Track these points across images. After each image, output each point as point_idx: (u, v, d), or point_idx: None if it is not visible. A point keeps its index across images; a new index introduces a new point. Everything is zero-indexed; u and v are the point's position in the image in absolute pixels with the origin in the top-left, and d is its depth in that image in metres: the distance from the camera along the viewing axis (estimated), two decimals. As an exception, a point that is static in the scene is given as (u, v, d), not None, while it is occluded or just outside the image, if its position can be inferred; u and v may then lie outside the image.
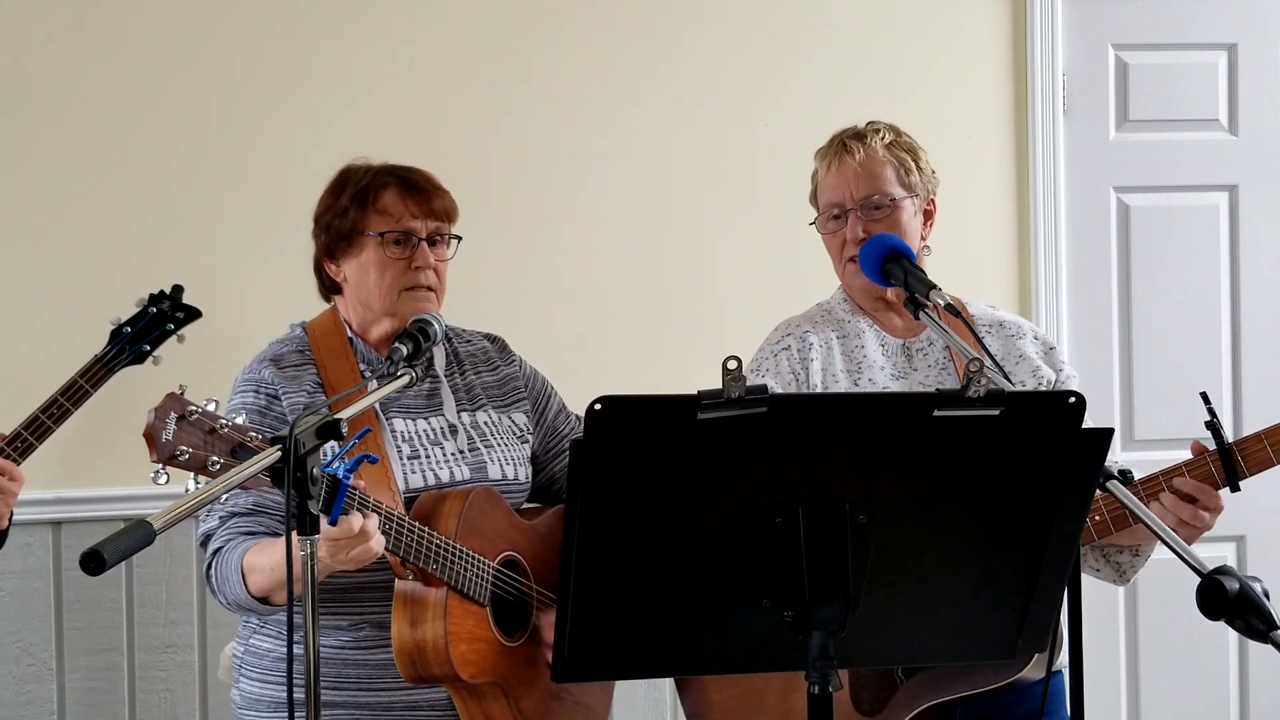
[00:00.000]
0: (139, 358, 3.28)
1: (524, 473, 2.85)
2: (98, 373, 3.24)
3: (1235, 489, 2.64)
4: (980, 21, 4.18)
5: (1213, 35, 4.30)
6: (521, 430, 2.89)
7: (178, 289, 3.36)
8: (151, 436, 2.27)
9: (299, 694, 2.15)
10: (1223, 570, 2.04)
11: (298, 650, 2.14)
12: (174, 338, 3.34)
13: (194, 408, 2.30)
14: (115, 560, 1.91)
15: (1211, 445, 2.67)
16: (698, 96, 4.04)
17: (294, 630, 2.13)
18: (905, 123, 2.97)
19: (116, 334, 3.28)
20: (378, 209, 2.77)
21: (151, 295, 3.35)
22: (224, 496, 2.40)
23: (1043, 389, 2.85)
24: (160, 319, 3.31)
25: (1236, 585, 2.01)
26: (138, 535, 1.93)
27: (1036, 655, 2.19)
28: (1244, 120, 4.30)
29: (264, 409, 2.71)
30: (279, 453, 2.12)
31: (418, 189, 2.80)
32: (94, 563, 1.89)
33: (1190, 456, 2.69)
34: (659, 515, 1.93)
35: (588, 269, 3.98)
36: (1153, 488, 2.66)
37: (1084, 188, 4.26)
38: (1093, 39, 4.26)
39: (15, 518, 3.39)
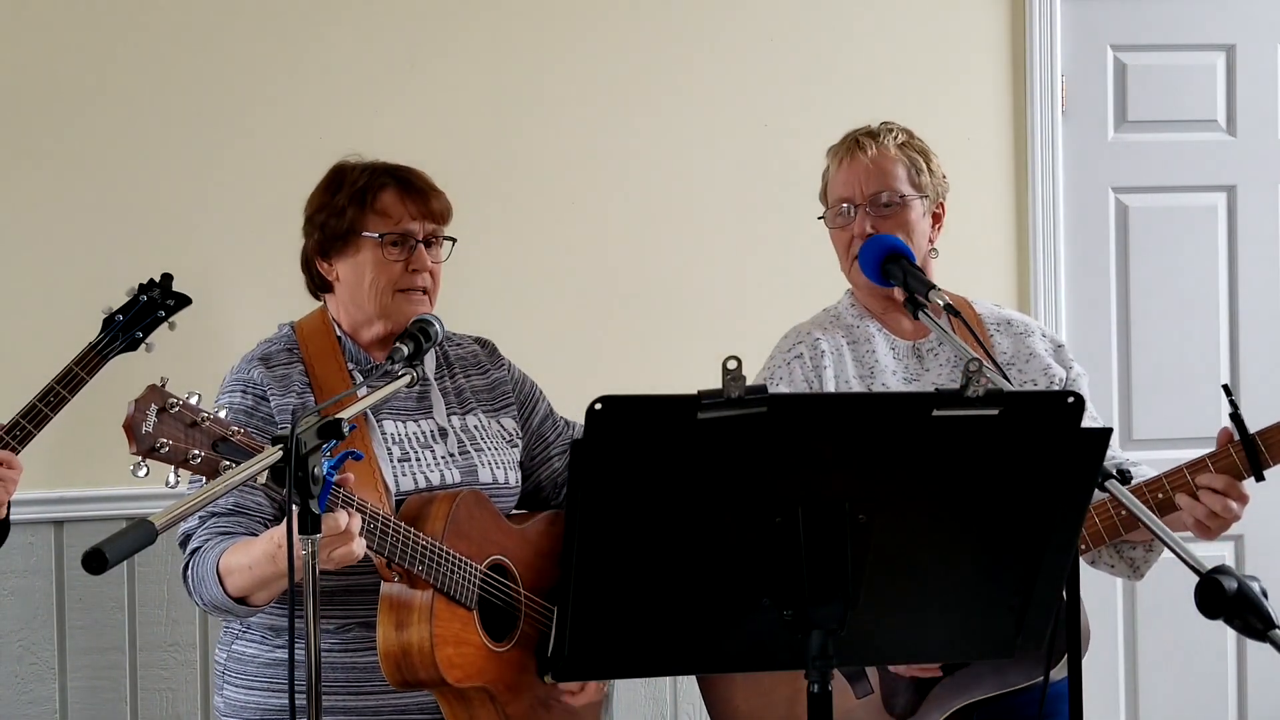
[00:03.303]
0: (132, 345, 3.36)
1: (514, 477, 2.83)
2: (92, 360, 3.31)
3: (1260, 478, 2.66)
4: (979, 22, 4.19)
5: (1211, 36, 4.31)
6: (511, 435, 2.87)
7: (167, 277, 3.42)
8: (131, 428, 2.27)
9: (295, 699, 2.14)
10: (1221, 569, 2.04)
11: (284, 654, 2.13)
12: (165, 324, 3.41)
13: (175, 400, 2.29)
14: (117, 559, 1.91)
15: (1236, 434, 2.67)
16: (698, 97, 4.05)
17: (283, 633, 2.11)
18: (905, 123, 2.98)
19: (109, 322, 3.35)
20: (376, 210, 2.74)
21: (141, 284, 3.40)
22: None
23: (1055, 387, 2.86)
24: (151, 306, 3.39)
25: (1235, 584, 2.01)
26: (139, 534, 1.93)
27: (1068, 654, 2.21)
28: (1242, 121, 4.31)
29: (251, 409, 2.69)
30: (280, 452, 2.12)
31: (416, 190, 2.77)
32: (96, 562, 1.89)
33: (1216, 446, 2.69)
34: (659, 515, 1.93)
35: (588, 269, 3.99)
36: (1178, 481, 2.67)
37: (1082, 188, 4.27)
38: (1091, 40, 4.27)
39: (16, 517, 3.40)
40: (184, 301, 3.43)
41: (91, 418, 3.63)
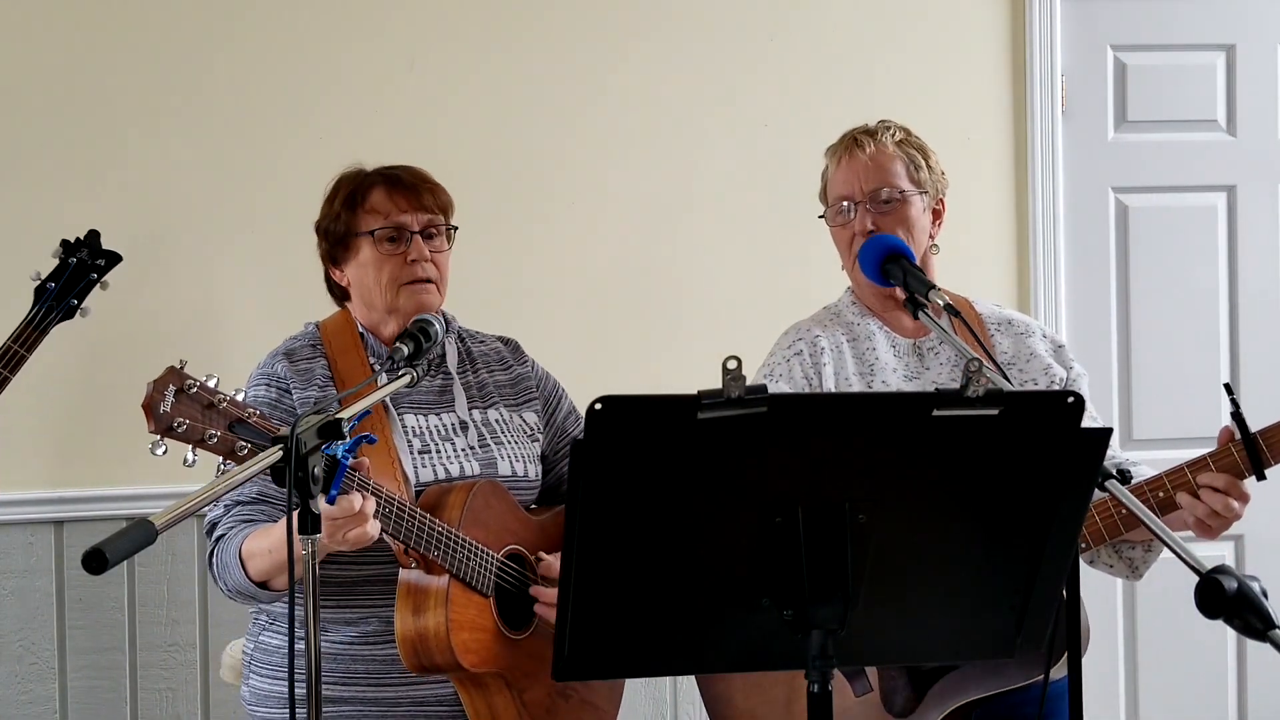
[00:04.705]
0: (69, 313, 3.22)
1: (534, 470, 2.88)
2: (30, 335, 3.19)
3: (1261, 477, 2.66)
4: (979, 22, 4.19)
5: (1211, 36, 4.31)
6: (532, 429, 2.92)
7: (94, 234, 3.26)
8: (149, 408, 2.33)
9: (301, 689, 2.16)
10: (1221, 569, 2.04)
11: (300, 645, 2.16)
12: (98, 286, 3.26)
13: (193, 381, 2.36)
14: (117, 559, 1.91)
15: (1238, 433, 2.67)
16: (698, 96, 4.04)
17: (296, 625, 2.14)
18: (905, 123, 2.98)
19: (41, 291, 3.20)
20: (367, 209, 2.81)
21: (65, 242, 3.23)
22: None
23: (1055, 387, 2.86)
24: (82, 269, 3.22)
25: (1235, 584, 2.01)
26: (139, 534, 1.94)
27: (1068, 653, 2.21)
28: (1242, 121, 4.31)
29: (275, 402, 2.76)
30: (280, 452, 2.13)
31: (404, 184, 2.84)
32: (96, 562, 1.89)
33: (1217, 445, 2.69)
34: (659, 515, 1.93)
35: (588, 269, 3.99)
36: (1179, 480, 2.68)
37: (1082, 188, 4.26)
38: (1091, 40, 4.27)
39: (17, 517, 3.40)
40: (114, 259, 3.27)
41: (92, 418, 3.64)
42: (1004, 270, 4.20)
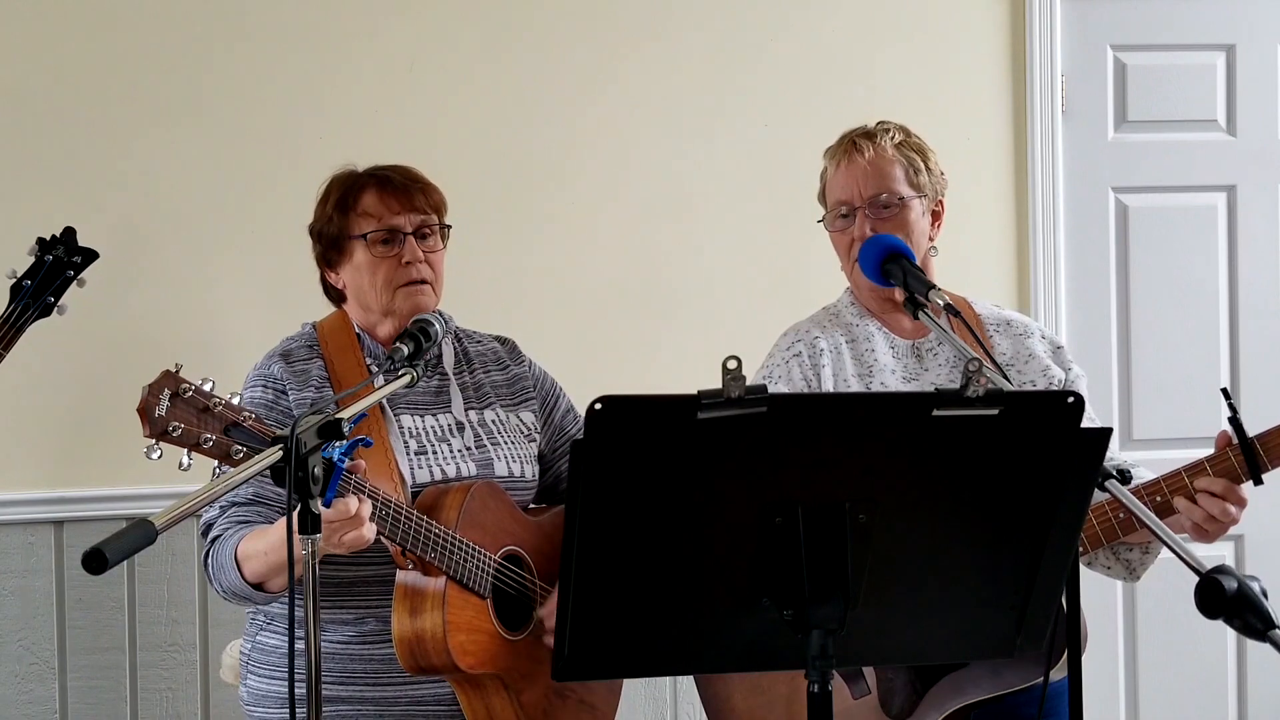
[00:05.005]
0: (45, 310, 3.19)
1: (531, 471, 2.88)
2: (6, 334, 3.16)
3: (1258, 482, 2.66)
4: (979, 22, 4.19)
5: (1211, 36, 4.31)
6: (529, 429, 2.92)
7: (70, 231, 3.23)
8: (144, 412, 2.32)
9: (301, 689, 2.16)
10: (1221, 569, 2.04)
11: (300, 645, 2.16)
12: (75, 284, 3.22)
13: (188, 385, 2.35)
14: (117, 559, 1.91)
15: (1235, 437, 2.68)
16: (698, 96, 4.04)
17: (296, 625, 2.14)
18: (905, 123, 2.98)
19: (17, 289, 3.17)
20: (359, 212, 2.81)
21: (41, 240, 3.21)
22: None
23: (1053, 388, 2.86)
24: (59, 267, 3.19)
25: (1235, 584, 2.01)
26: (139, 534, 1.94)
27: (1066, 655, 2.21)
28: (1242, 121, 4.31)
29: (271, 403, 2.75)
30: (280, 452, 2.13)
31: (395, 185, 2.83)
32: (96, 562, 1.89)
33: (1215, 449, 2.69)
34: (659, 515, 1.93)
35: (588, 268, 3.99)
36: (1176, 484, 2.68)
37: (1082, 188, 4.26)
38: (1091, 40, 4.27)
39: (17, 517, 3.40)
40: (91, 256, 3.23)
41: (92, 418, 3.64)
42: (1004, 270, 4.20)
